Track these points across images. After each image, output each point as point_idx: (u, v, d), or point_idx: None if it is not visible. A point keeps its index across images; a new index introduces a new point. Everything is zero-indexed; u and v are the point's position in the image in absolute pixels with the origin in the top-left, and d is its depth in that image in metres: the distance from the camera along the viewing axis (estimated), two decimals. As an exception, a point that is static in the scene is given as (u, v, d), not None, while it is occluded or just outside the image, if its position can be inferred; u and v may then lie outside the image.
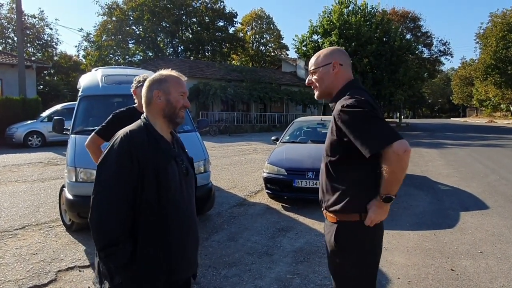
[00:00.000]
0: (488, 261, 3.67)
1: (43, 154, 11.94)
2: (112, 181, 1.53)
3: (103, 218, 1.52)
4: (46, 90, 27.13)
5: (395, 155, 1.53)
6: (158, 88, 1.67)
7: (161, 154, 1.61)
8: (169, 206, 1.59)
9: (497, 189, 6.93)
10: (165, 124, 1.70)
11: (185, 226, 1.67)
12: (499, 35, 36.40)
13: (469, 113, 67.07)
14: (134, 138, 1.57)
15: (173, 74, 1.72)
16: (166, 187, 1.58)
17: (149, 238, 1.58)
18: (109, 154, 1.57)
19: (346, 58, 1.87)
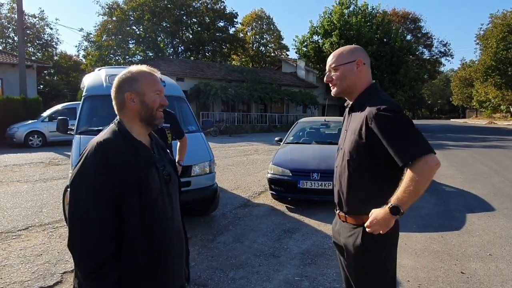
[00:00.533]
0: (498, 264, 3.64)
1: (44, 154, 11.89)
2: (90, 199, 1.34)
3: (86, 240, 1.33)
4: (46, 90, 27.11)
5: (427, 167, 1.52)
6: (130, 90, 1.48)
7: (141, 163, 1.44)
8: (152, 216, 1.44)
9: (502, 191, 6.91)
10: (143, 128, 1.53)
11: (170, 236, 1.52)
12: (499, 36, 36.47)
13: (468, 114, 67.13)
14: (110, 149, 1.39)
15: (144, 70, 1.53)
16: (148, 197, 1.42)
17: (133, 254, 1.41)
18: (83, 169, 1.38)
19: (368, 58, 1.83)
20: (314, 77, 33.43)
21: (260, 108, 29.46)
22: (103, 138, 1.42)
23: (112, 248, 1.36)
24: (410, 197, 1.54)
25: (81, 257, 1.34)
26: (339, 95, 1.85)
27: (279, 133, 20.87)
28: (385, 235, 1.66)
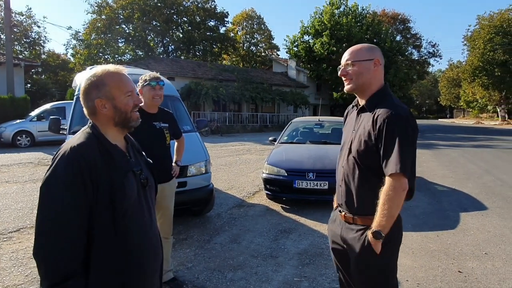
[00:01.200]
0: (494, 263, 3.68)
1: (33, 154, 11.66)
2: (62, 207, 1.26)
3: (54, 251, 1.24)
4: (34, 89, 26.65)
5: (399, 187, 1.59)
6: (99, 96, 1.39)
7: (116, 169, 1.37)
8: (126, 224, 1.37)
9: (493, 190, 7.01)
10: (119, 132, 1.46)
11: (145, 243, 1.45)
12: (486, 38, 37.11)
13: (456, 114, 68.22)
14: (85, 155, 1.30)
15: (110, 71, 1.43)
16: (123, 205, 1.35)
17: (105, 265, 1.33)
18: (54, 174, 1.29)
19: (383, 59, 1.84)
20: (304, 77, 33.56)
21: (251, 108, 29.44)
22: (77, 142, 1.34)
23: (78, 260, 1.29)
24: (387, 221, 1.62)
25: (47, 268, 1.25)
26: (352, 92, 1.83)
27: (270, 133, 20.89)
28: (391, 237, 1.67)
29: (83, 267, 1.31)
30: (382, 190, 1.62)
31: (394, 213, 1.61)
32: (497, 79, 37.81)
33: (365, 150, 1.72)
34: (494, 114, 47.94)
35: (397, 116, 1.63)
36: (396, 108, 1.67)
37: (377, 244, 1.66)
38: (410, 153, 1.63)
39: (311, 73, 32.72)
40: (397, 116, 1.63)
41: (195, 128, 5.33)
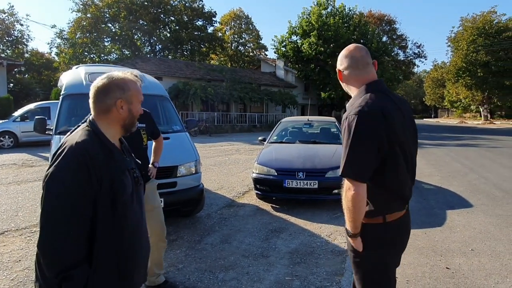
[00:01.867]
0: (481, 259, 3.76)
1: (16, 155, 11.40)
2: (68, 199, 1.33)
3: (60, 241, 1.32)
4: (17, 88, 26.04)
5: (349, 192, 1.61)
6: (121, 97, 1.50)
7: (116, 166, 1.46)
8: (123, 220, 1.46)
9: (478, 187, 7.16)
10: (119, 133, 1.57)
11: (138, 238, 1.55)
12: (469, 39, 37.91)
13: (440, 114, 69.47)
14: (89, 150, 1.38)
15: (132, 80, 1.56)
16: (121, 201, 1.45)
17: (104, 256, 1.42)
18: (60, 168, 1.35)
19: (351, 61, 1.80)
20: (293, 77, 33.68)
21: (239, 108, 29.39)
22: (81, 139, 1.41)
23: (85, 250, 1.38)
24: (348, 219, 1.67)
25: (53, 259, 1.32)
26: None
27: (259, 133, 20.91)
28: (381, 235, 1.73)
29: (87, 257, 1.39)
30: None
31: (351, 215, 1.63)
32: (480, 79, 38.65)
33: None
34: (477, 114, 48.99)
35: (352, 114, 1.62)
36: (356, 107, 1.64)
37: (353, 241, 1.73)
38: (364, 154, 1.59)
39: (299, 73, 32.85)
40: (352, 114, 1.62)
41: (184, 128, 5.29)
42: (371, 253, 1.73)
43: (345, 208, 1.65)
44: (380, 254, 1.74)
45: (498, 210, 5.57)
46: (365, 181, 1.59)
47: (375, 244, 1.72)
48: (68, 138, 1.48)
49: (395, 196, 1.72)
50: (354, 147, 1.58)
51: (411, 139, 1.77)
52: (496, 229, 4.69)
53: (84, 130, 1.47)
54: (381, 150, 1.61)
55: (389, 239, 1.75)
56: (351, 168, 1.59)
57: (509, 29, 37.02)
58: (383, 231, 1.71)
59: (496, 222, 4.95)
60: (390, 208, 1.72)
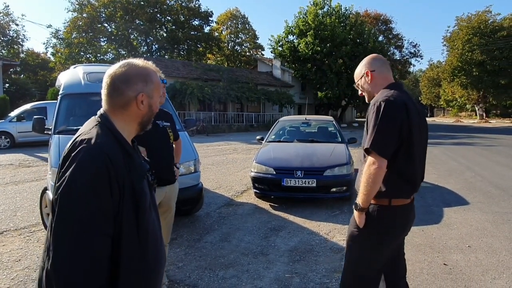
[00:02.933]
0: (477, 255, 3.80)
1: (13, 155, 11.36)
2: (87, 211, 1.09)
3: (76, 266, 1.07)
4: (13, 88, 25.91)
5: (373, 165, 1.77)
6: (143, 90, 1.28)
7: (136, 172, 1.24)
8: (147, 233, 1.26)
9: (474, 185, 7.22)
10: (135, 131, 1.35)
11: (159, 250, 1.36)
12: (464, 39, 38.14)
13: (436, 113, 69.84)
14: (109, 155, 1.15)
15: (153, 70, 1.37)
16: (143, 211, 1.23)
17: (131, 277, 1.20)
18: (77, 179, 1.10)
19: (379, 63, 2.03)
20: (289, 76, 33.73)
21: (236, 107, 29.42)
22: (99, 139, 1.17)
23: (106, 272, 1.14)
24: (363, 194, 1.82)
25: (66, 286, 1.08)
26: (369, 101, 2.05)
27: (256, 132, 20.92)
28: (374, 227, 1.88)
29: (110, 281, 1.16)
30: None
31: (369, 188, 1.78)
32: (475, 78, 38.89)
33: (364, 138, 1.91)
34: (473, 113, 49.29)
35: (379, 102, 1.80)
36: (383, 97, 1.83)
37: (358, 215, 1.88)
38: (388, 134, 1.77)
39: (295, 73, 32.92)
40: (380, 102, 1.80)
41: (183, 127, 5.30)
42: (370, 231, 1.88)
43: (364, 182, 1.79)
44: (378, 234, 1.89)
45: (494, 207, 5.63)
46: (387, 158, 1.75)
47: (375, 223, 1.86)
48: (80, 136, 1.20)
49: (406, 183, 1.86)
50: (381, 127, 1.76)
51: (424, 140, 1.96)
52: (493, 226, 4.75)
53: (99, 129, 1.21)
54: (401, 134, 1.79)
55: (390, 221, 1.88)
56: (377, 144, 1.75)
57: (504, 29, 37.28)
58: (386, 213, 1.86)
59: (492, 219, 5.01)
60: (397, 193, 1.86)
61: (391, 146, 1.77)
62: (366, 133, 1.87)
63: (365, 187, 1.78)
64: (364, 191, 1.80)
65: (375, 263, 1.96)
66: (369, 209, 1.86)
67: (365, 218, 1.87)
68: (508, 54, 36.07)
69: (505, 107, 46.33)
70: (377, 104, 1.80)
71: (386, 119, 1.76)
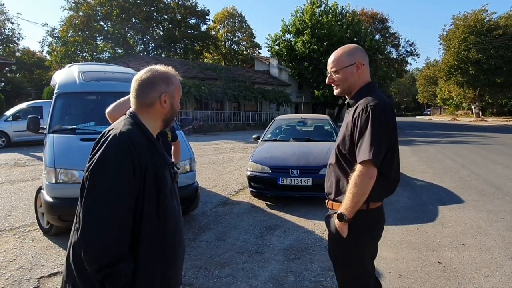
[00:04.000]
0: (471, 253, 3.83)
1: (9, 155, 11.30)
2: (113, 189, 1.30)
3: (104, 233, 1.27)
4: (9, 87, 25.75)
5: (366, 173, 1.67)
6: (166, 91, 1.48)
7: (159, 159, 1.44)
8: (166, 215, 1.44)
9: (469, 183, 7.26)
10: (159, 128, 1.55)
11: (178, 235, 1.52)
12: (461, 37, 38.24)
13: (433, 111, 70.03)
14: (133, 141, 1.35)
15: (175, 74, 1.55)
16: (164, 195, 1.42)
17: (150, 252, 1.39)
18: (105, 157, 1.32)
19: (366, 57, 1.93)
20: (286, 75, 33.73)
21: (233, 106, 29.40)
22: (124, 129, 1.38)
23: (127, 243, 1.33)
24: (352, 205, 1.71)
25: (97, 251, 1.27)
26: (341, 94, 1.96)
27: (253, 131, 20.93)
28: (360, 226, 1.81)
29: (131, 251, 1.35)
30: (352, 175, 1.73)
31: (359, 199, 1.69)
32: (471, 77, 39.02)
33: (343, 141, 1.84)
34: (469, 111, 49.48)
35: (371, 106, 1.72)
36: (373, 99, 1.75)
37: (342, 226, 1.78)
38: (382, 142, 1.70)
39: (292, 72, 32.91)
40: (372, 106, 1.72)
41: (179, 126, 5.30)
42: (354, 237, 1.81)
43: (353, 193, 1.69)
44: (360, 237, 1.84)
45: (489, 205, 5.66)
46: (378, 167, 1.69)
47: (357, 228, 1.81)
48: (111, 127, 1.45)
49: (388, 186, 1.83)
50: (377, 135, 1.68)
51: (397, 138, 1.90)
52: (487, 224, 4.78)
53: (126, 121, 1.44)
54: (390, 140, 1.74)
55: (369, 224, 1.86)
56: (375, 154, 1.66)
57: (500, 27, 37.42)
58: (366, 216, 1.81)
59: (486, 217, 5.04)
60: (377, 197, 1.81)
61: (383, 154, 1.72)
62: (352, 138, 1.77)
63: (354, 198, 1.69)
64: (352, 202, 1.70)
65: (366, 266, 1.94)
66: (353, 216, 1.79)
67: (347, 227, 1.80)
68: (504, 53, 36.23)
69: (501, 106, 46.56)
70: (370, 108, 1.71)
71: (381, 127, 1.70)
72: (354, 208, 1.71)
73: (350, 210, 1.72)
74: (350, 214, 1.73)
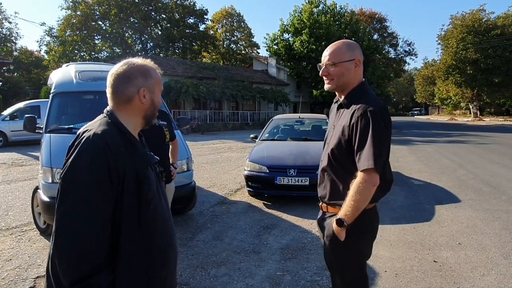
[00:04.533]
0: (467, 252, 3.84)
1: (6, 154, 11.28)
2: (87, 196, 1.19)
3: (77, 244, 1.17)
4: (6, 87, 25.67)
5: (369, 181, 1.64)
6: (144, 85, 1.37)
7: (139, 160, 1.33)
8: (150, 218, 1.34)
9: (466, 183, 7.28)
10: (140, 125, 1.44)
11: (167, 237, 1.43)
12: (459, 37, 38.27)
13: (431, 111, 70.15)
14: (109, 143, 1.24)
15: (153, 67, 1.45)
16: (147, 197, 1.32)
17: (132, 259, 1.28)
18: (77, 162, 1.22)
19: (363, 56, 1.87)
20: (285, 74, 33.74)
21: (232, 106, 29.39)
22: (100, 129, 1.27)
23: (104, 254, 1.22)
24: (352, 212, 1.68)
25: (70, 263, 1.17)
26: (332, 91, 1.89)
27: (251, 131, 20.92)
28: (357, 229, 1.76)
29: (109, 262, 1.24)
30: (354, 182, 1.68)
31: (360, 205, 1.66)
32: (469, 77, 39.06)
33: (338, 145, 1.78)
34: (467, 111, 49.56)
35: (371, 112, 1.67)
36: (371, 104, 1.71)
37: (340, 232, 1.74)
38: (384, 148, 1.67)
39: (291, 71, 32.93)
40: (371, 112, 1.67)
41: (176, 125, 5.29)
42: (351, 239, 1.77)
43: (356, 200, 1.65)
44: (357, 239, 1.81)
45: (485, 204, 5.68)
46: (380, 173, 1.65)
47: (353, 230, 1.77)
48: (85, 128, 1.33)
49: (383, 188, 1.78)
50: (378, 141, 1.64)
51: None
52: (483, 223, 4.79)
53: (102, 121, 1.33)
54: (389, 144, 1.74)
55: (366, 225, 1.83)
56: (378, 161, 1.62)
57: (498, 27, 37.48)
58: (362, 217, 1.76)
59: (483, 217, 5.06)
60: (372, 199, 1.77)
61: (384, 160, 1.69)
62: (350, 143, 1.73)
63: (356, 205, 1.66)
64: (354, 208, 1.66)
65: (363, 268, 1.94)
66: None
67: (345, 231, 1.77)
68: (502, 53, 36.27)
69: (498, 105, 46.64)
70: (370, 115, 1.66)
71: (382, 133, 1.66)
72: (355, 215, 1.68)
73: (350, 217, 1.69)
74: (350, 220, 1.70)
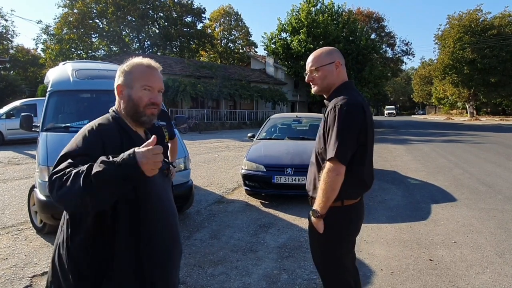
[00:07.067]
0: (463, 251, 3.87)
1: (2, 153, 11.23)
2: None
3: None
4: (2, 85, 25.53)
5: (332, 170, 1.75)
6: (121, 81, 1.42)
7: None
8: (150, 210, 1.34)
9: (462, 182, 7.32)
10: (134, 124, 1.43)
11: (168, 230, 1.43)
12: (456, 37, 38.41)
13: (428, 110, 70.38)
14: (103, 135, 1.30)
15: (142, 63, 1.44)
16: (145, 193, 1.32)
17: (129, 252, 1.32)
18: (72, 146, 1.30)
19: (343, 59, 2.02)
20: (282, 74, 33.74)
21: (229, 105, 29.38)
22: (98, 122, 1.36)
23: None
24: (323, 202, 1.80)
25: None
26: (318, 93, 2.03)
27: (249, 129, 20.94)
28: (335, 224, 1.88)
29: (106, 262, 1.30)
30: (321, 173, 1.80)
31: (328, 195, 1.77)
32: (466, 76, 39.21)
33: (319, 141, 1.92)
34: (464, 111, 49.76)
35: (339, 106, 1.78)
36: (342, 99, 1.81)
37: (317, 222, 1.86)
38: (348, 140, 1.76)
39: (288, 70, 32.92)
40: (340, 106, 1.78)
41: (173, 124, 5.29)
42: (329, 233, 1.87)
43: (323, 189, 1.77)
44: (335, 233, 1.90)
45: (481, 204, 5.71)
46: (346, 164, 1.76)
47: (332, 224, 1.87)
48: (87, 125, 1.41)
49: (359, 184, 1.89)
50: (343, 134, 1.75)
51: (373, 137, 1.95)
52: (479, 222, 4.82)
53: (104, 116, 1.43)
54: (359, 139, 1.79)
55: (345, 220, 1.92)
56: (340, 152, 1.74)
57: (494, 27, 37.64)
58: (341, 213, 1.87)
59: (478, 216, 5.09)
60: (349, 195, 1.88)
61: (350, 152, 1.78)
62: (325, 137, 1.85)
63: (325, 195, 1.77)
64: (323, 198, 1.78)
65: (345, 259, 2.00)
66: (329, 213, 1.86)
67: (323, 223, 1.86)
68: (498, 53, 36.44)
69: (495, 105, 46.82)
70: (337, 108, 1.78)
71: (347, 125, 1.76)
72: (326, 204, 1.79)
73: (322, 206, 1.80)
74: (322, 209, 1.81)
